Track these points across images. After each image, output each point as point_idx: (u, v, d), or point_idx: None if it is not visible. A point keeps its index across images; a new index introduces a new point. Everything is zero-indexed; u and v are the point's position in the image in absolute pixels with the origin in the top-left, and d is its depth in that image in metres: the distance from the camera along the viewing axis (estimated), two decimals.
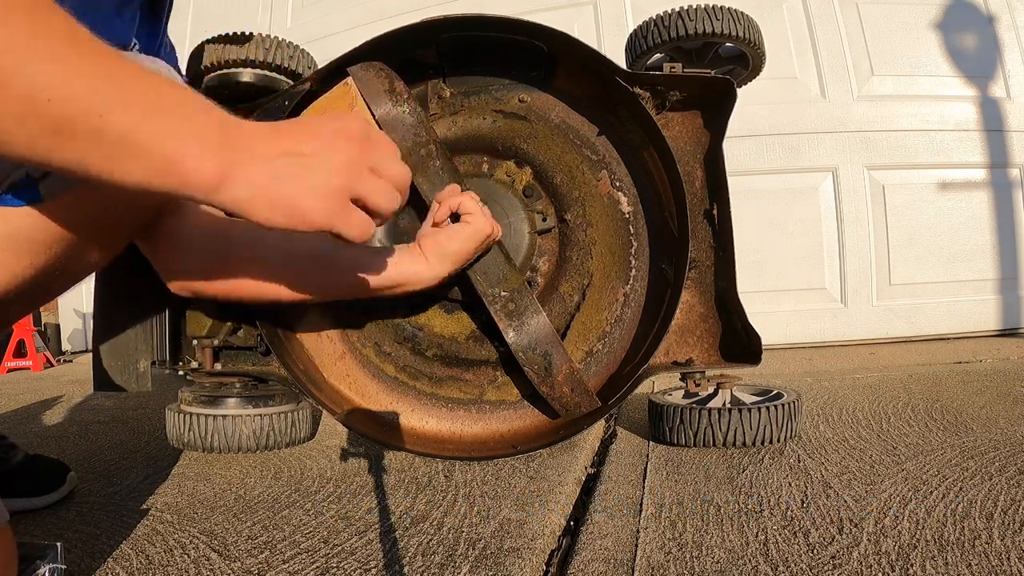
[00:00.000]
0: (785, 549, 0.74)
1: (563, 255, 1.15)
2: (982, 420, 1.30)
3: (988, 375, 1.89)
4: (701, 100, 1.12)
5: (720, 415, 1.16)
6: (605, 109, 1.13)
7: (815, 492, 0.93)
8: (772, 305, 2.90)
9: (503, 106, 1.14)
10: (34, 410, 2.02)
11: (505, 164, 1.15)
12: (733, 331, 1.11)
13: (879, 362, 2.33)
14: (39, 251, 0.61)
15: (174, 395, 1.31)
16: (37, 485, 1.00)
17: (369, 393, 1.15)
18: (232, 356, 1.18)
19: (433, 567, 0.74)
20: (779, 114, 2.93)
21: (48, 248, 0.61)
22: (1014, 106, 2.97)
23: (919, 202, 2.94)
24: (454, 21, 1.03)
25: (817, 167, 2.94)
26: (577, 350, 1.13)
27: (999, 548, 0.70)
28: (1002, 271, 2.96)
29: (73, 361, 3.98)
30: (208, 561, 0.78)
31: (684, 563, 0.72)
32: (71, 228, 0.61)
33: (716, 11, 1.19)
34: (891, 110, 2.94)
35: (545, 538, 0.82)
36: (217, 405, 1.23)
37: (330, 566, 0.75)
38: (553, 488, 1.00)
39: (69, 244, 0.62)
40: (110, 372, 1.06)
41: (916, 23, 3.00)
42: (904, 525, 0.79)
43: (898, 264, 2.94)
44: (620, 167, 1.14)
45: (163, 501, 1.02)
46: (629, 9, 3.08)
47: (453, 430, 1.13)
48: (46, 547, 0.62)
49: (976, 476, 0.95)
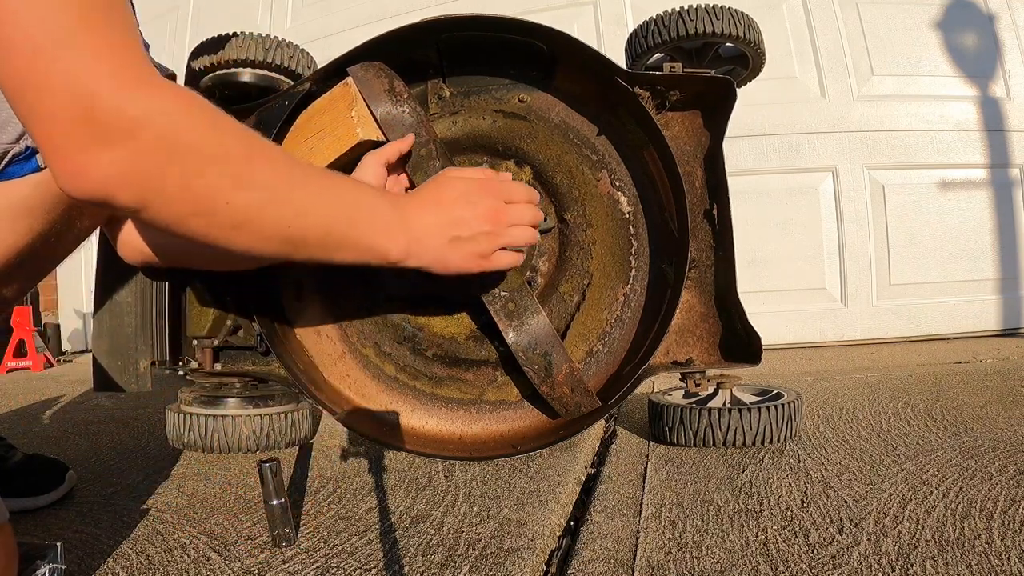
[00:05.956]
0: (785, 549, 0.74)
1: (563, 255, 1.15)
2: (982, 420, 1.30)
3: (988, 375, 1.89)
4: (701, 100, 1.12)
5: (720, 415, 1.16)
6: (605, 109, 1.12)
7: (815, 492, 0.93)
8: (772, 305, 2.90)
9: (503, 106, 1.14)
10: (34, 410, 2.02)
11: (505, 164, 1.15)
12: (733, 331, 1.11)
13: (879, 362, 2.33)
14: (38, 216, 0.67)
15: (174, 395, 1.31)
16: (36, 485, 1.00)
17: (369, 393, 1.15)
18: (232, 356, 1.18)
19: (433, 567, 0.74)
20: (779, 114, 2.93)
21: (47, 213, 0.67)
22: (1014, 106, 2.97)
23: (919, 202, 2.94)
24: (454, 21, 1.03)
25: (817, 167, 2.94)
26: (577, 350, 1.13)
27: (999, 548, 0.70)
28: (1002, 271, 2.95)
29: (73, 361, 3.98)
30: (208, 561, 0.78)
31: (684, 563, 0.72)
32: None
33: (716, 11, 1.19)
34: (891, 110, 2.94)
35: (545, 538, 0.82)
36: (217, 405, 1.22)
37: (330, 566, 0.75)
38: (553, 488, 1.00)
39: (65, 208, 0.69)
40: (110, 372, 1.06)
41: (916, 23, 3.00)
42: (904, 525, 0.78)
43: (898, 264, 2.94)
44: (620, 167, 1.14)
45: (163, 501, 1.02)
46: (629, 9, 3.08)
47: (453, 430, 1.13)
48: (46, 547, 0.62)
49: (976, 476, 0.95)
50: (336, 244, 0.68)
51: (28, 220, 0.66)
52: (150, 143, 0.50)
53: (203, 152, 0.54)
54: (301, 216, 0.63)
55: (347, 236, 0.69)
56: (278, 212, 0.61)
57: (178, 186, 0.53)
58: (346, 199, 0.70)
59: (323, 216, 0.66)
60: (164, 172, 0.52)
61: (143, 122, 0.50)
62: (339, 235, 0.68)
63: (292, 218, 0.62)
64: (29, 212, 0.66)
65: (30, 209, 0.66)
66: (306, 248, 0.65)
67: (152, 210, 0.54)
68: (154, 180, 0.52)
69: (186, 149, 0.53)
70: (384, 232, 0.73)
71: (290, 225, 0.62)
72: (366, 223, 0.71)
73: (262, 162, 0.60)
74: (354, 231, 0.69)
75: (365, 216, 0.71)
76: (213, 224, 0.58)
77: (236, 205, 0.58)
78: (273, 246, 0.63)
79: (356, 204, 0.70)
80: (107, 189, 0.50)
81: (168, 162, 0.52)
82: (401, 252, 0.74)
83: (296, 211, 0.62)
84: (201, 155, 0.54)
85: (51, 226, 0.69)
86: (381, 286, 1.15)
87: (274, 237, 0.62)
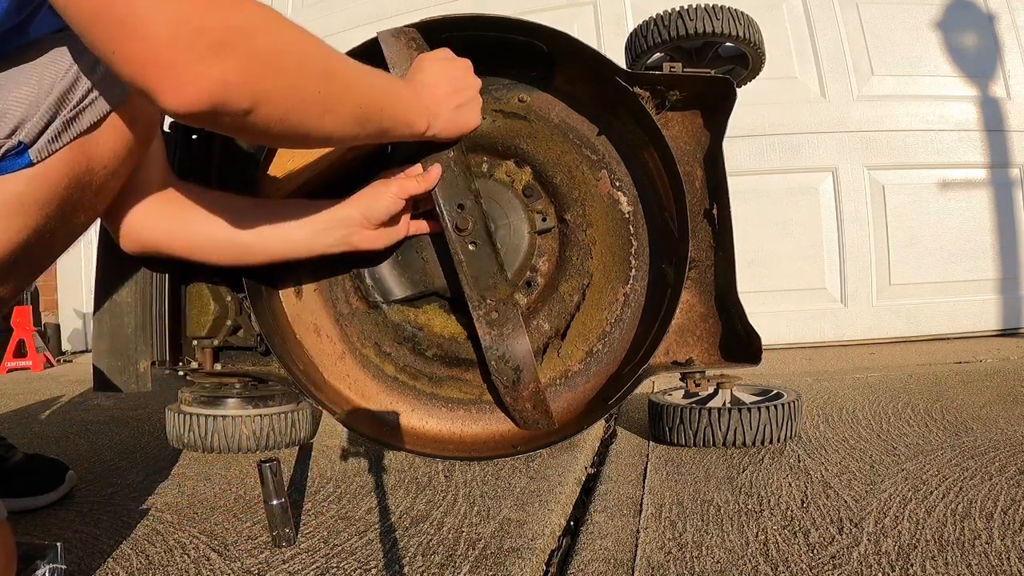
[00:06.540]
0: (785, 549, 0.74)
1: (563, 255, 1.15)
2: (982, 420, 1.30)
3: (988, 375, 1.89)
4: (701, 100, 1.12)
5: (720, 415, 1.16)
6: (605, 109, 1.12)
7: (815, 492, 0.93)
8: (772, 305, 2.90)
9: (503, 106, 1.14)
10: (34, 410, 2.02)
11: (505, 164, 1.15)
12: (733, 331, 1.11)
13: (879, 362, 2.33)
14: (32, 212, 0.67)
15: (174, 395, 1.31)
16: (36, 485, 1.00)
17: (369, 393, 1.15)
18: (232, 356, 1.18)
19: (433, 567, 0.74)
20: (779, 114, 2.93)
21: (41, 208, 0.67)
22: (1014, 106, 2.97)
23: (919, 202, 2.94)
24: (454, 21, 1.03)
25: (817, 167, 2.94)
26: (577, 350, 1.13)
27: (999, 548, 0.70)
28: (1002, 271, 2.95)
29: (73, 361, 3.98)
30: (208, 561, 0.78)
31: (684, 563, 0.72)
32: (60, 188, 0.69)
33: (716, 11, 1.19)
34: (891, 110, 2.94)
35: (545, 538, 0.82)
36: (217, 405, 1.22)
37: (330, 566, 0.75)
38: (553, 488, 1.00)
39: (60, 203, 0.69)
40: (110, 372, 1.06)
41: (916, 23, 2.99)
42: (904, 525, 0.79)
43: (898, 264, 2.94)
44: (620, 167, 1.14)
45: (163, 501, 1.02)
46: (629, 9, 3.08)
47: (453, 430, 1.13)
48: (46, 547, 0.62)
49: (976, 476, 0.95)
50: (388, 120, 0.83)
51: (22, 216, 0.66)
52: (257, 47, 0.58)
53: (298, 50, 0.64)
54: (366, 96, 0.77)
55: (393, 113, 0.84)
56: (352, 95, 0.74)
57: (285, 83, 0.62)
58: (387, 84, 0.86)
59: (379, 97, 0.80)
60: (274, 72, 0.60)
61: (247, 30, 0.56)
62: (389, 112, 0.83)
63: (362, 98, 0.76)
64: (23, 208, 0.66)
65: (24, 205, 0.66)
66: (369, 124, 0.78)
67: (263, 109, 0.61)
68: (266, 80, 0.59)
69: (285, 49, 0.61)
70: (414, 110, 0.89)
71: (361, 104, 0.76)
72: (403, 102, 0.87)
73: (335, 56, 0.71)
74: (396, 107, 0.85)
75: (401, 96, 0.87)
76: (309, 113, 0.67)
77: (326, 92, 0.68)
78: (350, 126, 0.75)
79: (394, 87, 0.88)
80: (225, 95, 0.56)
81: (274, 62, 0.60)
82: (425, 124, 0.91)
83: (363, 92, 0.76)
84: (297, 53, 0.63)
85: (46, 222, 0.68)
86: (382, 287, 1.15)
87: (351, 117, 0.74)
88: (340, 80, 0.71)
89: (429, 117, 0.91)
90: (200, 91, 0.54)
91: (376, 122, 0.80)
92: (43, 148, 0.65)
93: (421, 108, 0.90)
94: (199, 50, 0.52)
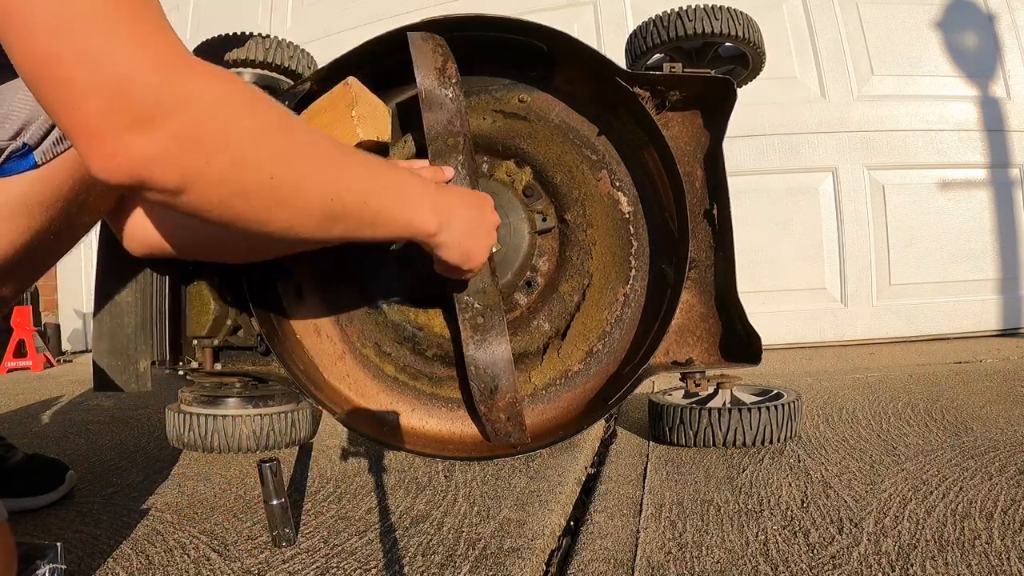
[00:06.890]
0: (785, 549, 0.74)
1: (563, 255, 1.15)
2: (982, 420, 1.30)
3: (988, 375, 1.89)
4: (701, 100, 1.12)
5: (720, 415, 1.16)
6: (605, 109, 1.12)
7: (815, 492, 0.93)
8: (772, 305, 2.90)
9: (503, 106, 1.14)
10: (34, 410, 2.02)
11: (505, 164, 1.15)
12: (733, 331, 1.11)
13: (879, 362, 2.33)
14: (36, 214, 0.67)
15: (174, 395, 1.31)
16: (36, 485, 1.00)
17: (369, 393, 1.15)
18: (232, 356, 1.18)
19: (433, 567, 0.74)
20: (779, 114, 2.93)
21: (45, 210, 0.67)
22: (1014, 106, 2.96)
23: (919, 202, 2.94)
24: (454, 21, 1.03)
25: (817, 167, 2.94)
26: (577, 350, 1.13)
27: (999, 548, 0.70)
28: (1002, 271, 2.95)
29: (73, 361, 3.98)
30: (208, 561, 0.78)
31: (684, 563, 0.72)
32: (64, 189, 0.68)
33: (716, 11, 1.19)
34: (891, 110, 2.94)
35: (545, 538, 0.82)
36: (217, 405, 1.22)
37: (330, 566, 0.75)
38: (553, 488, 1.00)
39: (64, 204, 0.69)
40: (110, 372, 1.06)
41: (916, 23, 2.99)
42: (904, 525, 0.79)
43: (898, 264, 2.94)
44: (620, 167, 1.14)
45: (163, 501, 1.02)
46: (629, 9, 3.07)
47: (453, 430, 1.13)
48: (46, 547, 0.62)
49: (976, 476, 0.95)
50: (372, 217, 0.70)
51: (26, 218, 0.66)
52: (193, 123, 0.50)
53: (245, 130, 0.54)
54: (341, 188, 0.65)
55: (383, 209, 0.72)
56: (319, 185, 0.62)
57: (222, 165, 0.53)
58: (382, 174, 0.73)
59: (361, 189, 0.68)
60: (207, 152, 0.52)
61: (184, 102, 0.49)
62: (375, 208, 0.70)
63: (333, 191, 0.64)
64: (27, 210, 0.66)
65: (28, 207, 0.66)
66: (345, 221, 0.66)
67: (195, 192, 0.53)
68: (197, 161, 0.51)
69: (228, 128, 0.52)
70: (417, 209, 0.78)
71: (332, 198, 0.64)
72: (401, 198, 0.75)
73: (302, 136, 0.61)
74: (389, 204, 0.73)
75: (401, 191, 0.75)
76: (257, 203, 0.57)
77: (280, 180, 0.58)
78: (313, 222, 0.63)
79: (392, 179, 0.75)
80: (148, 172, 0.50)
81: (211, 142, 0.52)
82: (434, 229, 0.80)
83: (336, 183, 0.64)
84: (243, 133, 0.54)
85: (50, 223, 0.68)
86: (382, 287, 1.15)
87: (315, 211, 0.63)
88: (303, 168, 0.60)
89: (440, 222, 0.81)
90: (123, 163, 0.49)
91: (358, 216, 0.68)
92: (47, 150, 0.65)
93: (430, 209, 0.79)
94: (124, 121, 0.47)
